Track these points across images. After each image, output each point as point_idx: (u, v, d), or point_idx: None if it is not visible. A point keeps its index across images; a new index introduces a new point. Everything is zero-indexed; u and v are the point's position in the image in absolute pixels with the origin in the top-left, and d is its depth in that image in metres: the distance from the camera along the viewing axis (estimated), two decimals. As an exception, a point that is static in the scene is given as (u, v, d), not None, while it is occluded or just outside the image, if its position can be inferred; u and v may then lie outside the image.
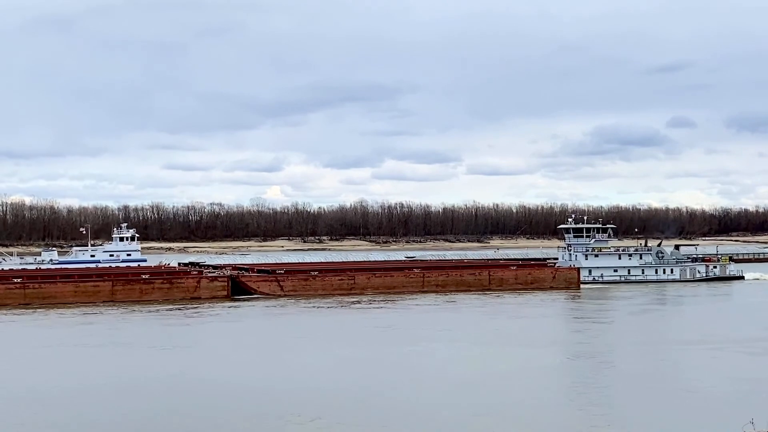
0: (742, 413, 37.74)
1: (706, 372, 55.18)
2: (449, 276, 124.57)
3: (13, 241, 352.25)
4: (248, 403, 45.39)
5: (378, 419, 41.95)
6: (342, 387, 49.98)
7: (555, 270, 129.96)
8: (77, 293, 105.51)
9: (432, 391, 48.68)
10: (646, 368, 56.31)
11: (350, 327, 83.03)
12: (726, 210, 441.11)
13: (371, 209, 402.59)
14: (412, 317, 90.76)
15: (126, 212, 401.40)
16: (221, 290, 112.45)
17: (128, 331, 79.22)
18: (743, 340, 69.85)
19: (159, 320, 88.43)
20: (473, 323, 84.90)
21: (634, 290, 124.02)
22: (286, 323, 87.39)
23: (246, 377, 53.86)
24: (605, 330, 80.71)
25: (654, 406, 44.04)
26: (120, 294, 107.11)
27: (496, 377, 53.59)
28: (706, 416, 42.20)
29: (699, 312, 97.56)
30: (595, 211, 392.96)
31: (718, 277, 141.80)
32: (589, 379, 53.12)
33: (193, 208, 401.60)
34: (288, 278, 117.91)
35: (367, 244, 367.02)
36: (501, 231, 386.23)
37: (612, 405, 45.55)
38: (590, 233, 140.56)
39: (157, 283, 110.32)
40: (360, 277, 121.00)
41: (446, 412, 42.85)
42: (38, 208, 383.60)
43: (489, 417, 42.09)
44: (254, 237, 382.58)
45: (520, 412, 43.53)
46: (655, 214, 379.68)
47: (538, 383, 51.15)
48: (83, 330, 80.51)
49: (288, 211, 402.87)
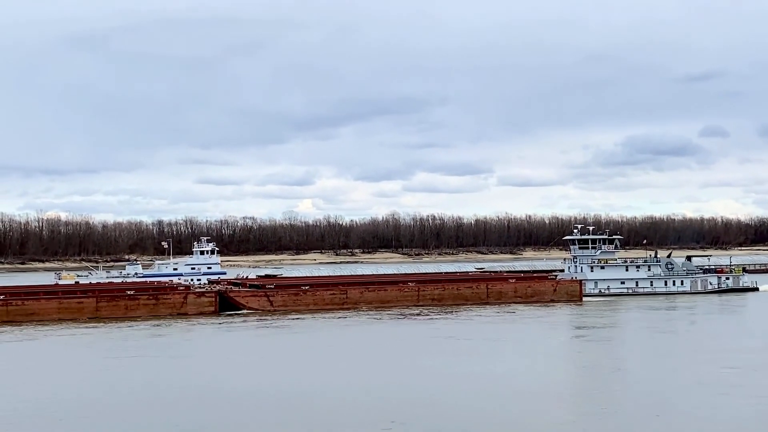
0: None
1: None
2: (445, 289, 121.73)
3: (49, 257, 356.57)
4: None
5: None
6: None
7: (556, 283, 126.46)
8: (61, 310, 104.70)
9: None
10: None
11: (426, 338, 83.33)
12: (762, 219, 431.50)
13: (403, 222, 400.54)
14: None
15: (160, 227, 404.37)
16: (208, 306, 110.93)
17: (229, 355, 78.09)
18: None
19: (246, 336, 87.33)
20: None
21: (640, 303, 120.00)
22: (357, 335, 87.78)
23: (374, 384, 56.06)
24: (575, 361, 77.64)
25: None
26: (104, 310, 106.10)
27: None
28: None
29: (707, 332, 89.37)
30: (629, 221, 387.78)
31: (731, 288, 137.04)
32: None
33: (226, 222, 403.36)
34: (278, 293, 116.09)
35: (399, 257, 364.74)
36: (534, 242, 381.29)
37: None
38: (596, 244, 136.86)
39: (143, 299, 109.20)
40: (353, 292, 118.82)
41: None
42: (74, 224, 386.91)
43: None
44: (287, 250, 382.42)
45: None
46: (690, 224, 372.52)
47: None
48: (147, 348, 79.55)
49: (320, 224, 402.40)
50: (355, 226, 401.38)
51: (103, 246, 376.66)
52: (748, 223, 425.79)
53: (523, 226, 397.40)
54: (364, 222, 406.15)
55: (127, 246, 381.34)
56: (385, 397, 52.10)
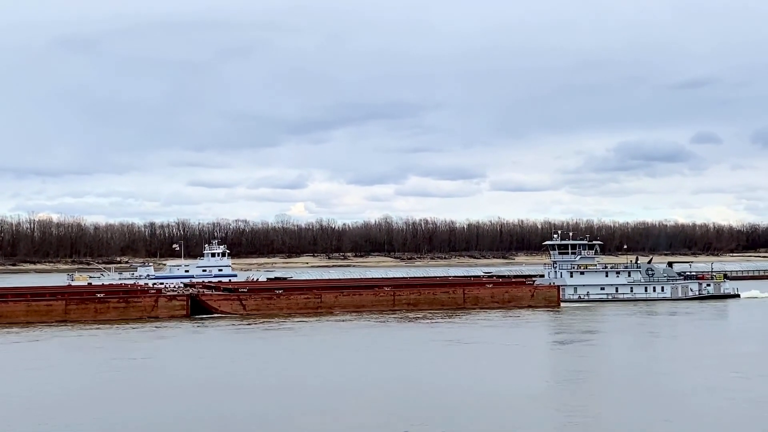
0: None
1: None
2: (421, 294, 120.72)
3: (40, 258, 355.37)
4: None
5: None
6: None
7: (534, 288, 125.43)
8: (29, 312, 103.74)
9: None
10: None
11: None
12: (754, 226, 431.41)
13: (396, 225, 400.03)
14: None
15: (152, 229, 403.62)
16: (180, 309, 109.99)
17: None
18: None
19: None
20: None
21: (618, 310, 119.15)
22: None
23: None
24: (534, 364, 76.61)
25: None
26: (74, 313, 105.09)
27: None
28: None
29: (682, 341, 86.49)
30: (621, 227, 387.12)
31: (712, 295, 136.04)
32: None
33: (219, 225, 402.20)
34: (251, 297, 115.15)
35: (392, 261, 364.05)
36: (526, 247, 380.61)
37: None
38: (576, 250, 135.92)
39: (113, 302, 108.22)
40: (327, 296, 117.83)
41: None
42: (65, 226, 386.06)
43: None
44: (279, 253, 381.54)
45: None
46: (682, 230, 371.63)
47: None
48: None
49: (313, 227, 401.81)
50: (348, 230, 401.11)
51: (95, 248, 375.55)
52: (740, 230, 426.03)
53: (516, 230, 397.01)
54: (356, 226, 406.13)
55: (119, 248, 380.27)
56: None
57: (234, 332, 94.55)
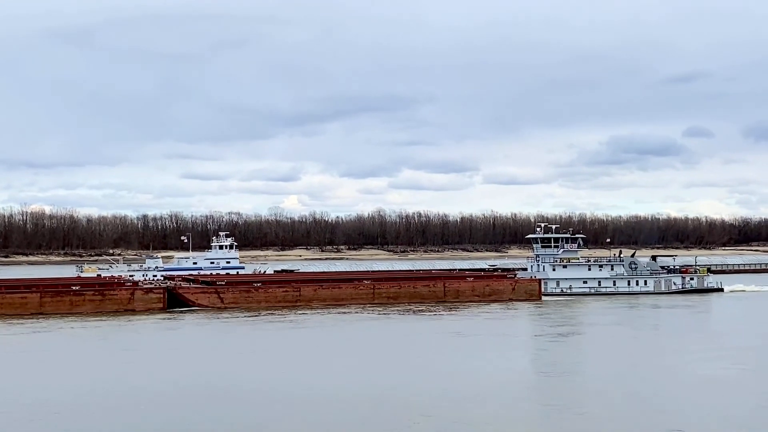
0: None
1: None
2: (401, 288, 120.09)
3: (32, 250, 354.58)
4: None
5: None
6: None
7: (515, 281, 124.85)
8: (3, 305, 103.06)
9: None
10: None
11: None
12: (746, 220, 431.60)
13: (389, 219, 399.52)
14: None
15: (145, 221, 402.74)
16: (157, 302, 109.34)
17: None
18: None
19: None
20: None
21: (600, 303, 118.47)
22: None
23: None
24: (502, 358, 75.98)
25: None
26: (49, 306, 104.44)
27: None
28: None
29: (664, 336, 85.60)
30: (614, 220, 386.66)
31: (695, 289, 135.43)
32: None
33: (212, 217, 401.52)
34: (228, 290, 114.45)
35: (385, 254, 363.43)
36: (519, 241, 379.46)
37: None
38: (558, 243, 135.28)
39: (89, 294, 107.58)
40: (306, 289, 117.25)
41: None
42: (58, 218, 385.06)
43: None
44: (272, 246, 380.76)
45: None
46: (675, 223, 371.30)
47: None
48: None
49: (306, 220, 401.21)
50: (341, 223, 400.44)
51: (88, 240, 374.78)
52: (732, 224, 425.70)
53: (509, 224, 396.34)
54: (350, 219, 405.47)
55: (112, 240, 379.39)
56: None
57: (207, 324, 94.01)
